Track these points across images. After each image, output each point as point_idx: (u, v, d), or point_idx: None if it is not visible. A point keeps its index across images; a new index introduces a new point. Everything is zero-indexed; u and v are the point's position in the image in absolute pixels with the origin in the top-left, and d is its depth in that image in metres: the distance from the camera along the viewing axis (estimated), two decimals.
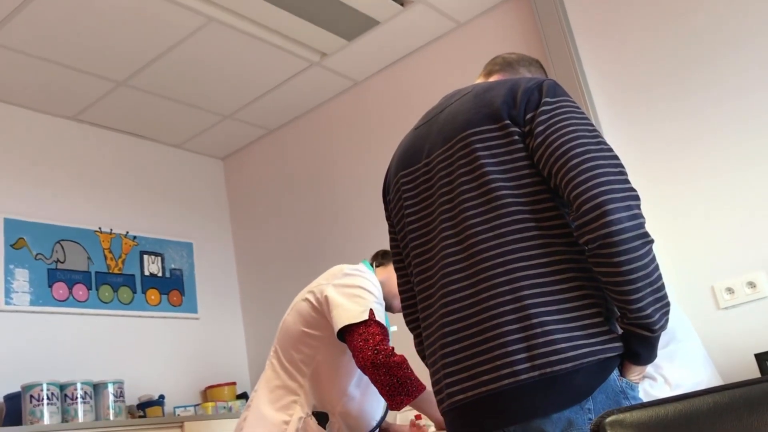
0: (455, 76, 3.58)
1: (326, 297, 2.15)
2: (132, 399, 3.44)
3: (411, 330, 1.71)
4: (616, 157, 1.35)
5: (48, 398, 2.99)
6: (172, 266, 4.01)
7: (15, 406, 3.00)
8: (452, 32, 3.63)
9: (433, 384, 1.47)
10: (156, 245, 3.98)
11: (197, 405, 3.61)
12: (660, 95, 2.95)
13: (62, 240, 3.57)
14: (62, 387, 3.09)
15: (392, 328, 2.23)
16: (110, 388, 3.21)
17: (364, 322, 2.06)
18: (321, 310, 2.17)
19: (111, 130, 4.00)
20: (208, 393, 3.80)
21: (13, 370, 3.16)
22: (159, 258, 3.97)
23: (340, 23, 3.41)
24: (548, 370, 1.28)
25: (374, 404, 2.24)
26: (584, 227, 1.29)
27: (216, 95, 3.86)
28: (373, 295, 2.16)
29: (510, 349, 1.31)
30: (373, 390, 2.21)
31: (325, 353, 2.18)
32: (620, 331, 1.36)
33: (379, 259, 2.48)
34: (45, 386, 3.00)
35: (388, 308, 2.34)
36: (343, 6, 3.27)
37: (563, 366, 1.28)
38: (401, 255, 1.66)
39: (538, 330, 1.30)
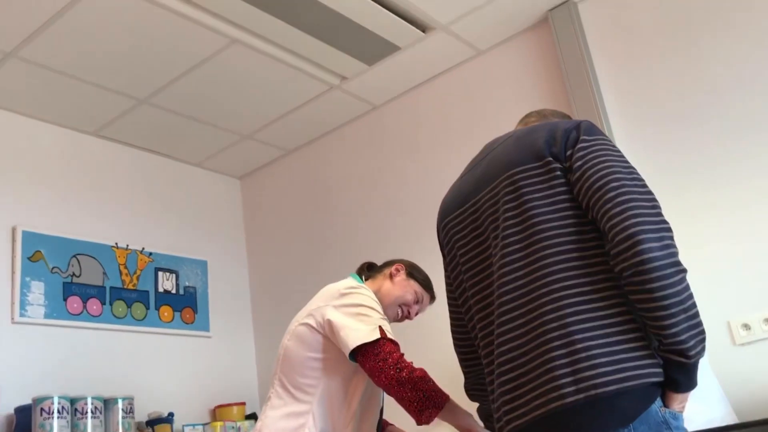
0: (474, 103, 3.59)
1: (328, 320, 2.14)
2: (141, 415, 3.43)
3: (463, 369, 1.85)
4: (649, 192, 1.44)
5: (58, 412, 3.00)
6: (186, 284, 4.03)
7: (25, 419, 3.00)
8: (472, 60, 3.66)
9: (494, 411, 1.55)
10: (171, 262, 4.00)
11: (206, 424, 3.60)
12: (679, 127, 2.95)
13: (79, 254, 3.59)
14: (73, 401, 3.09)
15: None
16: (120, 404, 3.21)
17: (377, 341, 2.05)
18: (323, 332, 2.16)
19: (131, 147, 4.04)
20: (217, 412, 3.79)
21: (26, 382, 3.16)
22: (173, 275, 3.98)
23: (361, 48, 3.44)
24: (593, 392, 1.33)
25: (374, 418, 2.23)
26: (618, 256, 1.37)
27: (236, 115, 3.89)
28: (376, 311, 2.16)
29: (557, 374, 1.37)
30: (373, 403, 2.22)
31: (331, 376, 2.16)
32: None
33: (366, 272, 2.48)
34: (56, 400, 3.01)
35: None
36: (364, 31, 3.30)
37: (608, 388, 1.33)
38: (454, 294, 1.76)
39: (583, 354, 1.36)
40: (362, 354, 2.06)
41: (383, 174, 3.89)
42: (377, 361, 2.02)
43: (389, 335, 2.08)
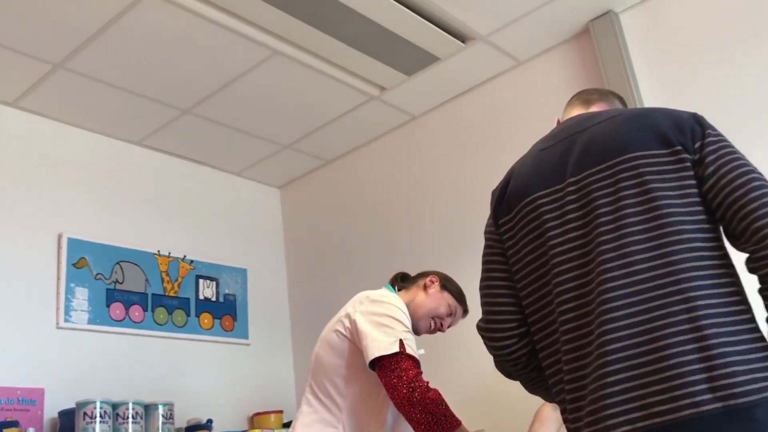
0: (514, 114, 3.58)
1: (355, 323, 2.14)
2: (181, 421, 3.47)
3: (504, 359, 1.66)
4: None
5: (101, 416, 3.05)
6: (226, 291, 4.07)
7: (69, 422, 3.06)
8: (512, 70, 3.64)
9: (583, 417, 1.40)
10: (211, 270, 4.05)
11: (244, 431, 3.63)
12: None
13: (122, 261, 3.65)
14: (115, 406, 3.15)
15: (420, 351, 2.20)
16: (160, 410, 3.25)
17: (395, 355, 2.04)
18: (352, 339, 2.16)
19: (174, 156, 4.10)
20: (254, 420, 3.81)
21: (69, 386, 3.23)
22: (214, 283, 4.03)
23: (400, 59, 3.45)
24: (732, 402, 1.26)
25: (407, 426, 2.21)
26: (764, 260, 1.32)
27: (276, 125, 3.93)
28: (401, 323, 2.14)
29: (691, 378, 1.28)
30: None
31: (360, 383, 2.16)
32: None
33: (399, 282, 2.47)
34: (98, 404, 3.06)
35: (414, 331, 2.31)
36: (404, 42, 3.31)
37: (746, 399, 1.26)
38: (505, 273, 1.64)
39: (720, 361, 1.28)
40: (380, 367, 2.05)
41: (422, 185, 3.89)
42: (392, 378, 2.01)
43: (409, 350, 2.06)
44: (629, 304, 1.36)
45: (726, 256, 1.39)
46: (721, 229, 1.44)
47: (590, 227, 1.47)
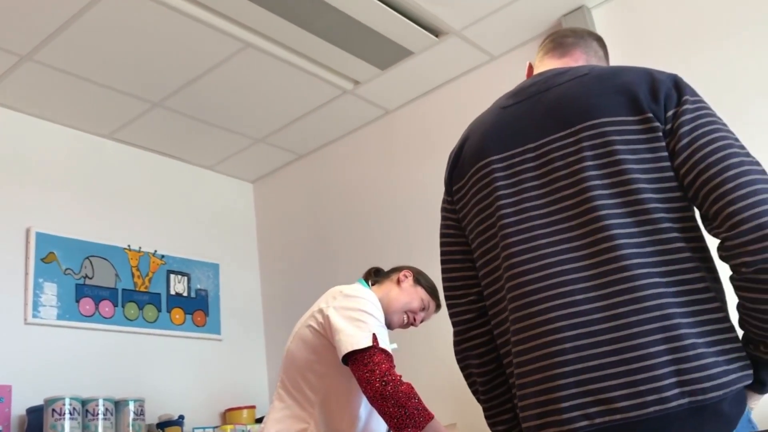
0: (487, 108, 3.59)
1: (328, 319, 2.14)
2: (152, 418, 3.44)
3: (462, 337, 1.52)
4: (765, 171, 1.24)
5: (70, 413, 3.01)
6: (198, 286, 4.04)
7: (37, 419, 3.02)
8: (486, 65, 3.65)
9: (530, 406, 1.27)
10: (183, 265, 4.01)
11: (216, 427, 3.61)
12: None
13: (91, 256, 3.61)
14: (84, 402, 3.11)
15: (393, 346, 2.20)
16: (131, 406, 3.22)
17: (368, 349, 2.04)
18: (325, 334, 2.16)
19: (145, 150, 4.05)
20: (227, 415, 3.79)
21: (37, 382, 3.18)
22: (185, 278, 3.99)
23: (374, 52, 3.44)
24: (700, 397, 1.15)
25: (381, 422, 2.22)
26: (740, 248, 1.18)
27: (249, 119, 3.90)
28: (374, 318, 2.14)
29: (657, 372, 1.16)
30: None
31: (333, 379, 2.16)
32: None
33: (373, 277, 2.47)
34: (67, 401, 3.02)
35: (387, 325, 2.32)
36: (378, 36, 3.30)
37: (715, 393, 1.16)
38: (461, 246, 1.50)
39: (691, 353, 1.17)
40: (353, 361, 2.05)
41: (395, 179, 3.89)
42: (365, 372, 2.01)
43: (381, 345, 2.06)
44: (590, 288, 1.23)
45: (699, 238, 1.27)
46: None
47: (548, 200, 1.33)
